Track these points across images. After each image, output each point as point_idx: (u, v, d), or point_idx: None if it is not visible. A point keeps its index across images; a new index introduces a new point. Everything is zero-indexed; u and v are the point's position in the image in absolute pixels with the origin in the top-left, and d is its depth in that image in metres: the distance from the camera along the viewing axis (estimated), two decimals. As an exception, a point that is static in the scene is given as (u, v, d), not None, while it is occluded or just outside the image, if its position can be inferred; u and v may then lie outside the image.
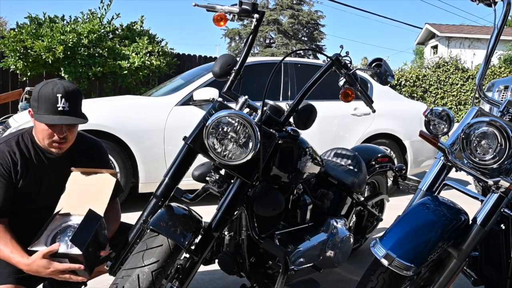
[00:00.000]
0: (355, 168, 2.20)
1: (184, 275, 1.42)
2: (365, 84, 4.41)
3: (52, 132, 1.47)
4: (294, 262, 1.69)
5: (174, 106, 3.60)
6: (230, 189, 1.47)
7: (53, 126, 1.46)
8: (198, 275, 2.29)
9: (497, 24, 1.49)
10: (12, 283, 1.43)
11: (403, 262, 1.19)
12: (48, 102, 1.43)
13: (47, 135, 1.47)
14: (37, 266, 1.34)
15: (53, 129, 1.46)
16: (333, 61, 1.60)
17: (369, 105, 1.76)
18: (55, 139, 1.48)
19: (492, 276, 1.62)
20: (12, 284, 1.43)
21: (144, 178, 3.48)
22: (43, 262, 1.34)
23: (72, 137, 1.54)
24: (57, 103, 1.43)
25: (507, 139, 1.24)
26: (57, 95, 1.43)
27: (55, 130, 1.47)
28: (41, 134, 1.48)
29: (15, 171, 1.48)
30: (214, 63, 1.60)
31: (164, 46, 7.30)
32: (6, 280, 1.43)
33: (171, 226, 1.33)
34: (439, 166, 1.53)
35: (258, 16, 1.56)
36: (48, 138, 1.48)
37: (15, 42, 6.07)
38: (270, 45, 24.72)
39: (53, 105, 1.43)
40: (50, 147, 1.50)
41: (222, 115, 1.36)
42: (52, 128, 1.46)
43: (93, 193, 1.52)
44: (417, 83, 13.38)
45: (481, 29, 21.21)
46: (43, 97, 1.43)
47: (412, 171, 4.53)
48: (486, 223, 1.30)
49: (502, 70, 13.33)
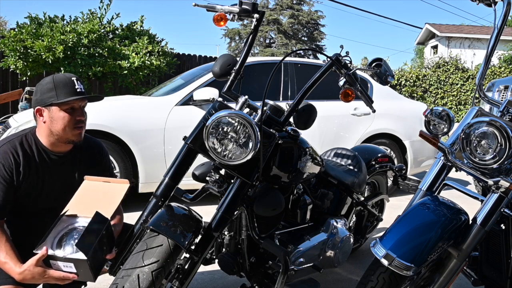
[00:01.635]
0: (355, 168, 2.20)
1: (184, 275, 1.42)
2: (365, 84, 4.40)
3: (73, 116, 1.50)
4: (294, 262, 1.69)
5: (174, 106, 3.60)
6: (230, 189, 1.47)
7: (73, 111, 1.50)
8: (198, 275, 2.29)
9: (497, 24, 1.49)
10: (12, 283, 1.41)
11: (403, 262, 1.19)
12: (67, 86, 1.48)
13: (68, 121, 1.50)
14: (32, 274, 1.32)
15: (74, 114, 1.51)
16: (333, 61, 1.60)
17: (369, 105, 1.76)
18: (78, 124, 1.52)
19: (492, 276, 1.62)
20: (11, 284, 1.42)
21: (144, 178, 3.48)
22: (38, 270, 1.32)
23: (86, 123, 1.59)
24: (75, 85, 1.50)
25: (507, 139, 1.24)
26: (72, 78, 1.51)
27: (76, 114, 1.51)
28: (62, 122, 1.49)
29: (17, 173, 1.47)
30: (214, 63, 1.60)
31: (164, 46, 7.30)
32: (6, 281, 1.42)
33: (171, 226, 1.33)
34: (439, 166, 1.53)
35: (258, 16, 1.56)
36: (69, 123, 1.50)
37: (15, 42, 6.07)
38: (270, 45, 24.72)
39: (72, 87, 1.49)
40: (73, 134, 1.52)
41: (222, 115, 1.36)
42: (72, 113, 1.50)
43: (102, 199, 1.51)
44: (417, 83, 13.38)
45: (481, 29, 21.20)
46: (61, 83, 1.48)
47: (412, 171, 4.53)
48: (486, 223, 1.30)
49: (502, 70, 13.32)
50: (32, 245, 1.37)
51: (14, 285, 1.42)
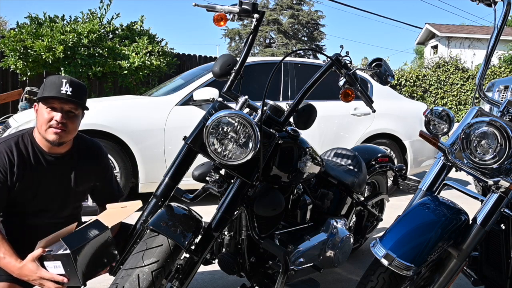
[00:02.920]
0: (355, 168, 2.20)
1: (184, 275, 1.42)
2: (365, 84, 4.41)
3: (52, 117, 1.47)
4: (294, 262, 1.69)
5: (174, 106, 3.60)
6: (230, 189, 1.47)
7: (53, 110, 1.47)
8: (198, 275, 2.29)
9: (497, 24, 1.49)
10: (7, 281, 1.41)
11: (403, 262, 1.19)
12: (53, 85, 1.47)
13: (46, 119, 1.47)
14: (28, 270, 1.33)
15: (53, 114, 1.47)
16: (333, 61, 1.60)
17: (369, 105, 1.76)
18: (53, 124, 1.47)
19: (492, 276, 1.62)
20: (7, 282, 1.41)
21: (144, 178, 3.48)
22: (33, 266, 1.33)
23: (72, 129, 1.53)
24: (61, 87, 1.47)
25: (507, 139, 1.24)
26: (63, 80, 1.48)
27: (56, 115, 1.47)
28: (41, 119, 1.48)
29: (11, 173, 1.47)
30: (214, 63, 1.60)
31: (164, 46, 7.30)
32: (0, 278, 1.42)
33: (171, 226, 1.33)
34: (439, 166, 1.53)
35: (258, 16, 1.56)
36: (47, 122, 1.47)
37: (15, 42, 6.07)
38: (270, 45, 24.71)
39: (57, 88, 1.46)
40: (48, 133, 1.48)
41: (222, 115, 1.36)
42: (52, 113, 1.47)
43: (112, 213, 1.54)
44: (417, 83, 13.38)
45: (481, 29, 21.20)
46: (49, 82, 1.48)
47: (412, 171, 4.53)
48: (486, 223, 1.30)
49: (502, 70, 13.32)
50: (29, 246, 1.37)
51: (9, 283, 1.41)
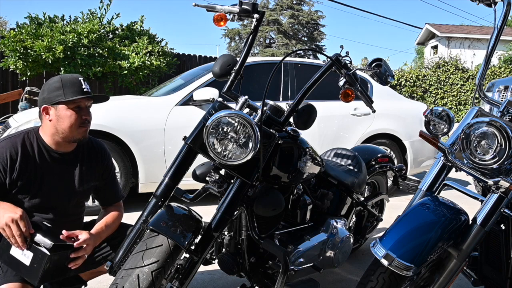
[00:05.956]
0: (355, 168, 2.20)
1: (184, 275, 1.42)
2: (365, 84, 4.41)
3: (80, 115, 1.54)
4: (294, 262, 1.69)
5: (174, 106, 3.60)
6: (230, 189, 1.47)
7: (79, 110, 1.55)
8: (198, 275, 2.29)
9: (497, 24, 1.49)
10: (20, 281, 1.43)
11: (403, 262, 1.19)
12: (75, 85, 1.53)
13: (74, 119, 1.54)
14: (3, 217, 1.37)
15: (80, 112, 1.55)
16: (333, 61, 1.60)
17: (369, 105, 1.76)
18: (83, 122, 1.56)
19: (492, 276, 1.62)
20: (19, 282, 1.43)
21: (144, 178, 3.48)
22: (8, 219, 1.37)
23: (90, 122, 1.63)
24: (82, 85, 1.55)
25: (507, 139, 1.24)
26: (79, 78, 1.56)
27: (82, 113, 1.55)
28: (69, 120, 1.53)
29: (11, 170, 1.47)
30: (214, 63, 1.60)
31: (164, 46, 7.30)
32: (14, 278, 1.43)
33: (171, 226, 1.33)
34: (439, 166, 1.53)
35: (258, 16, 1.56)
36: (76, 122, 1.54)
37: (15, 42, 6.06)
38: (270, 45, 24.72)
39: (79, 87, 1.54)
40: (79, 132, 1.56)
41: (222, 115, 1.36)
42: (79, 112, 1.54)
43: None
44: (417, 83, 13.38)
45: (481, 29, 21.21)
46: (68, 82, 1.53)
47: (412, 171, 4.53)
48: (486, 223, 1.30)
49: (502, 70, 13.32)
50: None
51: (21, 283, 1.43)
